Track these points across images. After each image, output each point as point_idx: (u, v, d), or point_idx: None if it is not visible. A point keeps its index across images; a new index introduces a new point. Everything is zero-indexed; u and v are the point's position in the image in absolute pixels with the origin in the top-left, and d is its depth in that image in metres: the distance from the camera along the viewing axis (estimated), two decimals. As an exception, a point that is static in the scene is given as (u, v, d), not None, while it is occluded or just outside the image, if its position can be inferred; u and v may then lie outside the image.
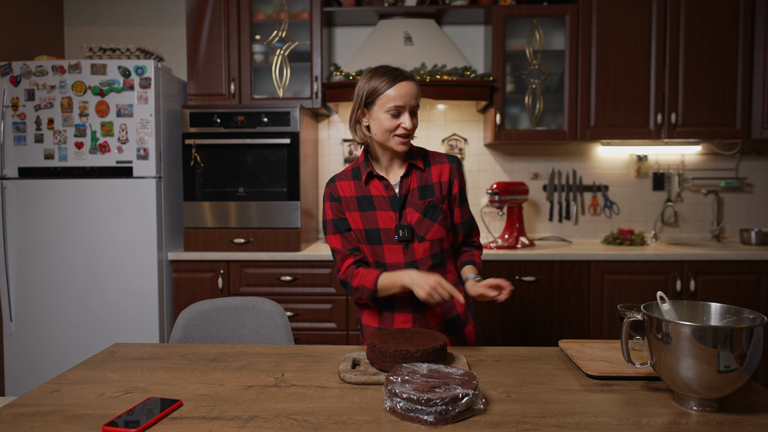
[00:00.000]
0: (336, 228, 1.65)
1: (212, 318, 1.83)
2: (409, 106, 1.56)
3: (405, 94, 1.55)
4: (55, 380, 1.29)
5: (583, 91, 3.11)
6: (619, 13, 3.08)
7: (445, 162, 1.68)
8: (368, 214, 1.62)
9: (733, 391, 1.08)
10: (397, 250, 1.62)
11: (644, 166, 3.47)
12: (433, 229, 1.62)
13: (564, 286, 2.90)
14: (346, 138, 3.54)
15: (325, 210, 1.67)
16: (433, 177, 1.65)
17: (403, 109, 1.55)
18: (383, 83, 1.56)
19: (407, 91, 1.55)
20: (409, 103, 1.56)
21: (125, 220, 2.85)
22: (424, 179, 1.65)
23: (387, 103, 1.55)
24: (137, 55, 2.96)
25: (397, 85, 1.55)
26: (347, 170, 1.69)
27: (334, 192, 1.65)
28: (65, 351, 2.86)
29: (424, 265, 1.62)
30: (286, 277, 2.90)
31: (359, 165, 1.67)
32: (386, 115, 1.56)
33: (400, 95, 1.54)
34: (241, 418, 1.08)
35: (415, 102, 1.57)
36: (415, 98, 1.57)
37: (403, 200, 1.62)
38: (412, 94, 1.56)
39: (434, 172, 1.66)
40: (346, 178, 1.67)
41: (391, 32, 3.21)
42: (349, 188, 1.65)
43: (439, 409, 1.04)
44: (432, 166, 1.66)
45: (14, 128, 2.86)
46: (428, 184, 1.64)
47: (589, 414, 1.10)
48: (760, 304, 2.88)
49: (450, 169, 1.67)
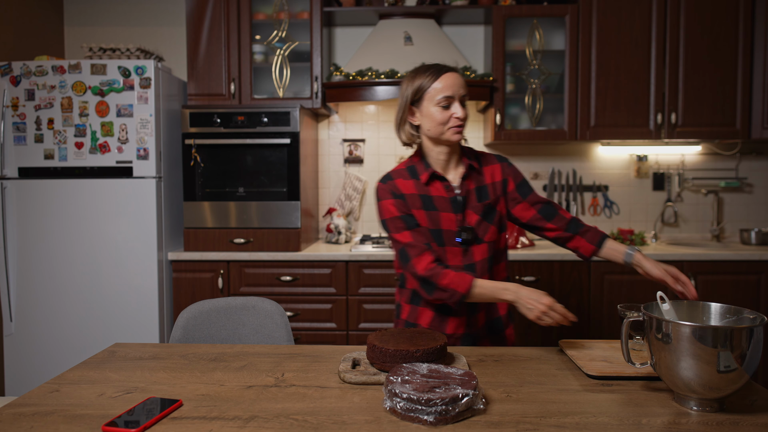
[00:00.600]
0: (406, 223, 1.58)
1: (212, 318, 1.83)
2: (458, 96, 1.56)
3: (452, 84, 1.55)
4: (55, 380, 1.29)
5: (583, 91, 3.11)
6: (619, 13, 3.08)
7: (496, 162, 1.68)
8: (432, 213, 1.60)
9: (733, 391, 1.08)
10: (456, 252, 1.60)
11: (644, 166, 3.47)
12: (491, 231, 1.62)
13: (564, 286, 2.90)
14: (346, 138, 3.54)
15: (385, 208, 1.60)
16: (486, 178, 1.65)
17: (452, 99, 1.55)
18: (428, 78, 1.57)
19: (453, 81, 1.56)
20: (457, 92, 1.56)
21: (125, 220, 2.85)
22: (480, 180, 1.65)
23: (435, 95, 1.55)
24: (137, 55, 2.96)
25: (443, 76, 1.56)
26: (401, 169, 1.65)
27: (395, 189, 1.60)
28: (65, 351, 2.86)
29: (481, 268, 1.61)
30: (286, 277, 2.90)
31: (414, 164, 1.64)
32: (437, 108, 1.56)
33: (447, 86, 1.55)
34: (241, 418, 1.08)
35: (463, 91, 1.58)
36: (463, 88, 1.58)
37: (464, 202, 1.61)
38: (459, 84, 1.57)
39: (486, 173, 1.66)
40: (404, 176, 1.63)
41: (391, 32, 3.21)
42: (410, 186, 1.61)
43: (439, 409, 1.04)
44: (484, 167, 1.66)
45: (14, 128, 2.86)
46: (483, 185, 1.64)
47: (589, 414, 1.10)
48: (760, 304, 2.88)
49: (501, 168, 1.67)
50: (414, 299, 1.66)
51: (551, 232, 1.67)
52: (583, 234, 1.65)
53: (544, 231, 1.68)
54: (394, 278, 2.89)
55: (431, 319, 1.63)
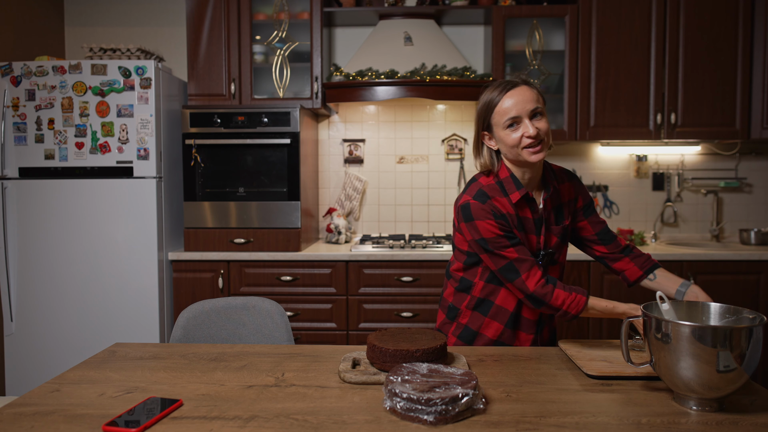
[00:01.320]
0: (510, 240, 1.49)
1: (212, 318, 1.83)
2: (525, 113, 1.46)
3: (516, 103, 1.46)
4: (56, 380, 1.29)
5: (582, 91, 3.11)
6: (619, 13, 3.08)
7: (568, 181, 1.65)
8: (523, 234, 1.55)
9: (732, 391, 1.08)
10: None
11: (644, 166, 3.48)
12: (564, 252, 1.63)
13: (564, 286, 2.90)
14: (346, 138, 3.54)
15: (483, 228, 1.49)
16: (563, 197, 1.62)
17: (519, 119, 1.47)
18: (491, 102, 1.50)
19: (517, 98, 1.46)
20: (523, 109, 1.46)
21: (125, 220, 2.85)
22: (556, 200, 1.60)
23: (501, 120, 1.48)
24: (137, 55, 2.96)
25: (505, 97, 1.48)
26: (492, 185, 1.55)
27: (496, 210, 1.51)
28: (65, 351, 2.86)
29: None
30: (286, 277, 2.90)
31: (501, 181, 1.55)
32: (505, 131, 1.48)
33: (510, 107, 1.47)
34: (242, 417, 1.08)
35: (532, 105, 1.46)
36: (531, 102, 1.46)
37: (548, 223, 1.58)
38: (524, 99, 1.46)
39: (564, 192, 1.62)
40: (498, 194, 1.54)
41: (391, 32, 3.21)
42: (506, 205, 1.53)
43: (439, 408, 1.04)
44: (560, 185, 1.62)
45: (15, 128, 2.86)
46: (560, 205, 1.61)
47: (589, 414, 1.10)
48: (759, 304, 2.88)
49: (574, 187, 1.65)
50: (480, 307, 1.61)
51: (601, 253, 1.66)
52: (634, 258, 1.63)
53: (595, 251, 1.67)
54: (394, 278, 2.89)
55: (500, 332, 1.60)
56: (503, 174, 1.55)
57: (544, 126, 1.48)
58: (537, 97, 1.49)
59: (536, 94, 1.50)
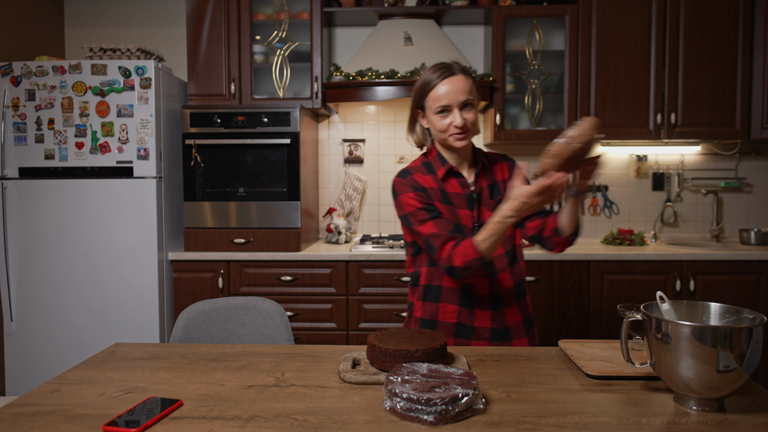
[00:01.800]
0: (429, 214, 1.54)
1: (212, 318, 1.83)
2: (456, 103, 1.51)
3: (449, 92, 1.51)
4: (56, 380, 1.29)
5: (582, 91, 3.11)
6: (618, 13, 3.08)
7: (504, 161, 1.69)
8: (451, 208, 1.60)
9: (732, 391, 1.08)
10: None
11: (644, 166, 3.48)
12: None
13: (564, 286, 2.90)
14: (346, 138, 3.54)
15: (405, 202, 1.56)
16: (497, 176, 1.65)
17: (450, 108, 1.52)
18: (428, 84, 1.54)
19: (451, 88, 1.51)
20: (455, 99, 1.51)
21: (125, 220, 2.85)
22: (491, 178, 1.65)
23: (433, 104, 1.54)
24: (137, 55, 2.96)
25: (441, 84, 1.52)
26: (418, 164, 1.64)
27: (415, 183, 1.58)
28: (65, 351, 2.86)
29: (500, 263, 1.61)
30: (286, 277, 2.90)
31: (430, 161, 1.64)
32: (436, 116, 1.55)
33: (443, 94, 1.52)
34: (242, 417, 1.08)
35: (464, 97, 1.51)
36: (464, 93, 1.51)
37: (479, 198, 1.62)
38: (458, 90, 1.51)
39: (497, 171, 1.66)
40: (422, 172, 1.62)
41: (391, 32, 3.22)
42: (429, 180, 1.60)
43: (439, 408, 1.04)
44: (494, 165, 1.67)
45: (15, 128, 2.86)
46: (495, 183, 1.64)
47: (589, 414, 1.10)
48: (759, 304, 2.88)
49: (509, 166, 1.68)
50: (428, 296, 1.63)
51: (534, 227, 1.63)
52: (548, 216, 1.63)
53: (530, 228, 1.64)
54: (394, 278, 2.89)
55: (457, 314, 1.60)
56: (431, 155, 1.65)
57: (471, 117, 1.54)
58: (470, 89, 1.54)
59: (470, 85, 1.54)
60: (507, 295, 1.63)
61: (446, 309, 1.61)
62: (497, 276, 1.61)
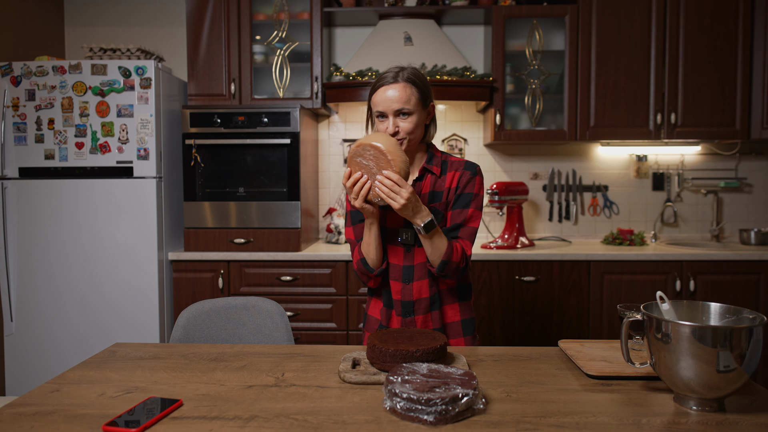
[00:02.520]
0: (352, 219, 1.69)
1: (212, 318, 1.83)
2: (390, 111, 1.56)
3: (383, 100, 1.57)
4: (56, 380, 1.29)
5: (582, 91, 3.11)
6: (618, 13, 3.08)
7: (460, 169, 1.63)
8: (381, 211, 1.63)
9: (732, 391, 1.08)
10: (398, 252, 1.63)
11: (644, 166, 3.48)
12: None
13: (564, 286, 2.90)
14: (346, 138, 3.54)
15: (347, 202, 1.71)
16: (445, 183, 1.64)
17: (385, 114, 1.58)
18: (374, 86, 1.61)
19: (385, 96, 1.56)
20: (389, 108, 1.56)
21: (125, 220, 2.85)
22: (438, 185, 1.64)
23: (374, 108, 1.61)
24: (137, 55, 2.96)
25: (377, 92, 1.58)
26: None
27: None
28: (65, 351, 2.86)
29: (420, 272, 1.62)
30: (286, 277, 2.90)
31: None
32: (377, 119, 1.61)
33: (379, 101, 1.58)
34: (242, 417, 1.08)
35: (398, 106, 1.55)
36: (397, 102, 1.55)
37: None
38: (392, 99, 1.55)
39: (447, 178, 1.64)
40: None
41: (391, 32, 3.22)
42: None
43: (439, 408, 1.04)
44: (448, 173, 1.64)
45: (15, 128, 2.86)
46: (439, 191, 1.63)
47: (589, 414, 1.10)
48: (759, 304, 2.88)
49: (460, 175, 1.62)
50: (370, 291, 1.74)
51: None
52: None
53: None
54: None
55: (379, 310, 1.69)
56: None
57: (406, 126, 1.57)
58: (408, 98, 1.56)
59: (409, 94, 1.56)
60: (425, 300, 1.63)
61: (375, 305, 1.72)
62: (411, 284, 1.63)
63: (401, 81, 1.57)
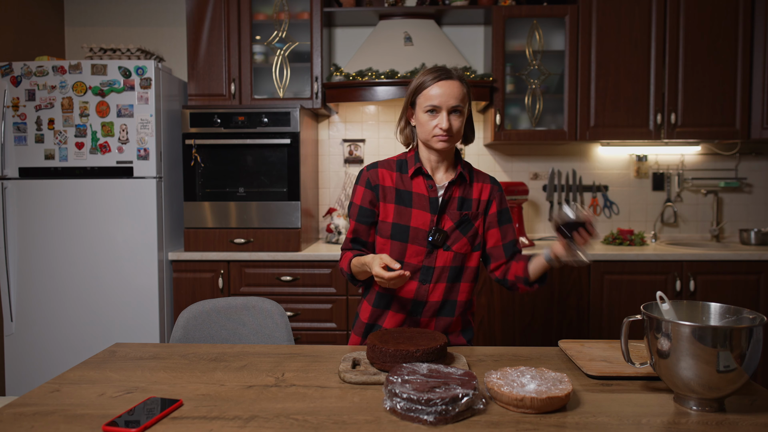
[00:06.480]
0: (359, 215, 1.65)
1: (212, 318, 1.83)
2: (446, 106, 1.54)
3: (442, 94, 1.53)
4: (56, 380, 1.29)
5: (582, 91, 3.11)
6: (618, 13, 3.08)
7: (488, 182, 1.67)
8: (402, 209, 1.61)
9: (732, 391, 1.08)
10: (420, 252, 1.61)
11: (644, 166, 3.48)
12: (461, 242, 1.61)
13: (564, 286, 2.90)
14: (346, 138, 3.54)
15: (355, 192, 1.66)
16: (473, 193, 1.64)
17: (439, 109, 1.54)
18: (424, 82, 1.57)
19: (444, 90, 1.53)
20: (446, 103, 1.53)
21: (125, 220, 2.85)
22: (467, 192, 1.64)
23: (424, 102, 1.56)
24: (137, 55, 2.96)
25: (436, 84, 1.54)
26: (392, 160, 1.68)
27: (373, 179, 1.64)
28: (65, 351, 2.86)
29: (439, 275, 1.61)
30: (287, 277, 2.90)
31: (407, 158, 1.66)
32: (425, 114, 1.56)
33: (436, 95, 1.54)
34: (242, 417, 1.08)
35: (455, 102, 1.54)
36: (455, 98, 1.54)
37: (444, 205, 1.61)
38: (450, 95, 1.53)
39: (475, 189, 1.65)
40: (390, 168, 1.65)
41: (391, 32, 3.22)
42: (391, 178, 1.64)
43: (439, 409, 1.04)
44: (475, 183, 1.66)
45: (15, 128, 2.86)
46: (468, 198, 1.64)
47: (589, 414, 1.10)
48: (759, 304, 2.88)
49: (491, 189, 1.66)
50: (366, 293, 1.73)
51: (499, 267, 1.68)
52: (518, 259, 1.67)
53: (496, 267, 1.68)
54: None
55: (369, 313, 1.68)
56: (410, 152, 1.67)
57: (457, 124, 1.56)
58: (463, 96, 1.56)
59: (464, 93, 1.57)
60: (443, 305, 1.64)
61: (364, 307, 1.71)
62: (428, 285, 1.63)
63: (455, 79, 1.56)
